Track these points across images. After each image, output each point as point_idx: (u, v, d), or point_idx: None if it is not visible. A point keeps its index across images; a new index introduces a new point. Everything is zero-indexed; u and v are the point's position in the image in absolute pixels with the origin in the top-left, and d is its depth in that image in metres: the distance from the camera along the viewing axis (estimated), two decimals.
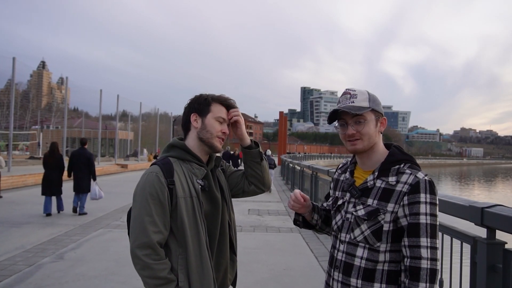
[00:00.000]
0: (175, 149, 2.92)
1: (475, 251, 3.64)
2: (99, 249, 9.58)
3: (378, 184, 2.45)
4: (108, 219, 13.48)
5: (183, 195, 2.73)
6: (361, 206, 2.48)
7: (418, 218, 2.28)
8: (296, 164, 24.01)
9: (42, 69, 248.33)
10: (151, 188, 2.68)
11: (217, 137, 2.91)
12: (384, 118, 2.61)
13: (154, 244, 2.60)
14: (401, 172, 2.42)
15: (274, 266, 8.46)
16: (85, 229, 11.79)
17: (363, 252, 2.43)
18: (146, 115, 66.71)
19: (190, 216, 2.71)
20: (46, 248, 9.49)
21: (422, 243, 2.26)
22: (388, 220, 2.37)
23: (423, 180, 2.34)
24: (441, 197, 4.30)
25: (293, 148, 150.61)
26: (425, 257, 2.24)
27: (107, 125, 62.02)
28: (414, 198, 2.31)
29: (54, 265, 8.19)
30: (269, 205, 17.50)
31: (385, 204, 2.39)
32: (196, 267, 2.67)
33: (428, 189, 2.32)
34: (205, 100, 2.93)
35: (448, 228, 4.20)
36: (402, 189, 2.36)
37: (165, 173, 2.74)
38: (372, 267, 2.40)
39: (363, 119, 2.51)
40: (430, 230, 2.27)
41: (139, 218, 2.65)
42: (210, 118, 2.89)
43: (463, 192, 52.34)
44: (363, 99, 2.52)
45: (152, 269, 2.57)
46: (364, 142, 2.54)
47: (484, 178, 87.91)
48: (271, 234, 11.68)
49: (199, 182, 2.82)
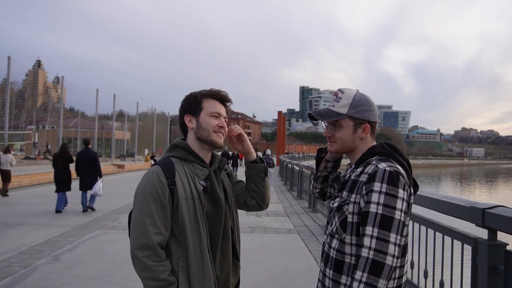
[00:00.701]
0: (178, 149, 2.90)
1: (476, 252, 3.65)
2: (95, 250, 9.56)
3: (352, 177, 2.47)
4: (105, 220, 13.46)
5: (184, 196, 2.71)
6: (338, 198, 2.52)
7: (369, 206, 2.25)
8: (295, 165, 24.00)
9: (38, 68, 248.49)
10: (151, 189, 2.66)
11: (215, 132, 2.87)
12: (367, 126, 2.57)
13: (154, 246, 2.59)
14: (368, 163, 2.43)
15: (272, 267, 8.46)
16: (81, 230, 11.76)
17: (336, 243, 2.45)
18: (143, 114, 66.62)
19: (191, 217, 2.69)
20: (42, 250, 9.47)
21: (368, 231, 2.20)
22: (351, 211, 2.37)
23: (382, 169, 2.30)
24: (442, 198, 4.32)
25: (292, 148, 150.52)
26: (367, 246, 2.18)
27: (104, 125, 61.96)
28: (369, 187, 2.29)
29: (50, 267, 8.18)
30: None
31: (350, 195, 2.41)
32: (197, 269, 2.65)
33: (386, 179, 2.26)
34: (194, 98, 2.90)
35: (449, 229, 4.22)
36: (362, 179, 2.37)
37: (166, 173, 2.72)
38: (341, 258, 2.40)
39: (339, 125, 2.56)
40: (381, 220, 2.19)
41: (139, 219, 2.64)
42: (203, 116, 2.86)
43: (464, 193, 52.40)
44: (344, 105, 2.54)
45: (152, 270, 2.56)
46: (337, 145, 2.61)
47: (485, 179, 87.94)
48: (270, 236, 11.67)
49: (201, 183, 2.79)
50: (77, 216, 14.08)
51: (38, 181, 24.89)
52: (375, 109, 2.63)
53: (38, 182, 24.79)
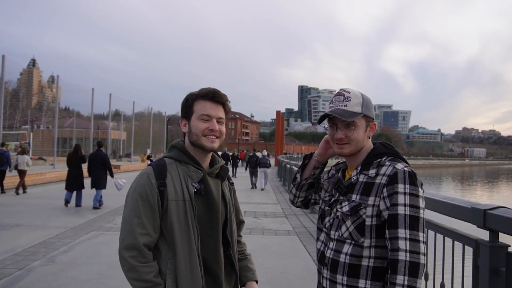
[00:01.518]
0: (174, 150, 2.90)
1: (477, 254, 3.64)
2: (91, 252, 9.58)
3: (361, 179, 2.49)
4: (101, 221, 13.48)
5: (175, 197, 2.70)
6: (346, 202, 2.51)
7: (396, 209, 2.30)
8: (293, 165, 24.00)
9: (33, 67, 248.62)
10: (141, 189, 2.68)
11: (204, 135, 2.81)
12: (374, 124, 2.63)
13: (140, 246, 2.60)
14: (381, 164, 2.46)
15: (270, 269, 8.47)
16: (76, 231, 11.77)
17: (348, 248, 2.44)
18: (139, 114, 66.59)
19: (181, 220, 2.69)
20: (37, 251, 9.48)
21: (400, 234, 2.26)
22: (370, 214, 2.39)
23: (402, 170, 2.36)
24: (443, 199, 4.31)
25: (291, 148, 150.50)
26: (403, 249, 2.23)
27: (99, 125, 61.85)
28: (392, 189, 2.33)
29: (45, 269, 8.18)
30: (265, 207, 17.51)
31: (366, 198, 2.42)
32: (185, 272, 2.65)
33: (408, 180, 2.34)
34: (187, 101, 2.88)
35: (450, 230, 4.21)
36: (381, 181, 2.39)
37: (157, 174, 2.72)
38: (357, 262, 2.41)
39: (354, 125, 2.54)
40: (410, 221, 2.27)
41: (128, 219, 2.66)
42: (193, 120, 2.83)
43: (465, 193, 52.43)
44: (357, 104, 2.54)
45: (137, 271, 2.57)
46: (351, 147, 2.58)
47: (487, 179, 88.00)
48: (268, 237, 11.71)
49: (194, 185, 2.77)
50: (72, 217, 14.09)
51: (33, 182, 24.85)
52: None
53: (33, 183, 24.76)
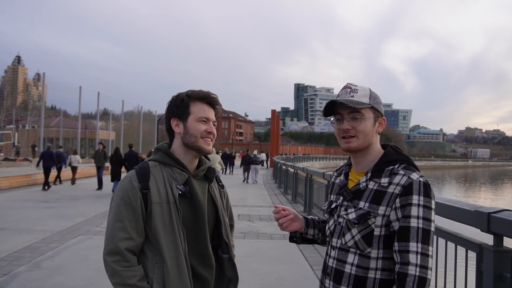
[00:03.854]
0: (159, 152, 2.92)
1: (481, 259, 3.64)
2: (78, 257, 9.55)
3: (371, 186, 2.45)
4: (88, 225, 13.43)
5: (158, 200, 2.73)
6: (353, 209, 2.48)
7: (409, 221, 2.27)
8: (289, 166, 24.04)
9: (18, 64, 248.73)
10: (123, 193, 2.71)
11: (202, 138, 2.87)
12: (384, 119, 2.61)
13: (121, 251, 2.62)
14: (395, 173, 2.41)
15: (265, 275, 8.46)
16: (63, 235, 11.74)
17: (354, 258, 2.43)
18: (128, 113, 66.57)
19: (166, 223, 2.71)
20: (21, 256, 9.44)
21: (412, 248, 2.24)
22: (379, 224, 2.37)
23: (417, 181, 2.33)
24: (445, 202, 4.31)
25: (286, 149, 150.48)
26: (414, 263, 2.22)
27: (87, 125, 61.81)
28: (406, 200, 2.30)
29: (30, 274, 8.16)
30: (260, 210, 17.49)
31: (377, 207, 2.38)
32: (172, 277, 2.65)
33: (422, 191, 2.30)
34: (182, 101, 2.89)
35: (452, 234, 4.21)
36: (394, 191, 2.36)
37: (140, 177, 2.75)
38: (363, 274, 2.39)
39: (361, 115, 2.51)
40: (422, 235, 2.25)
41: (110, 224, 2.70)
42: (191, 121, 2.86)
43: (468, 196, 52.50)
44: (364, 95, 2.53)
45: (120, 276, 2.60)
46: (359, 140, 2.53)
47: (491, 181, 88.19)
48: (263, 241, 11.69)
49: (179, 187, 2.79)
50: (59, 221, 14.02)
51: (18, 183, 24.85)
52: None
53: (18, 185, 24.76)
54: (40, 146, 36.75)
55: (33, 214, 15.06)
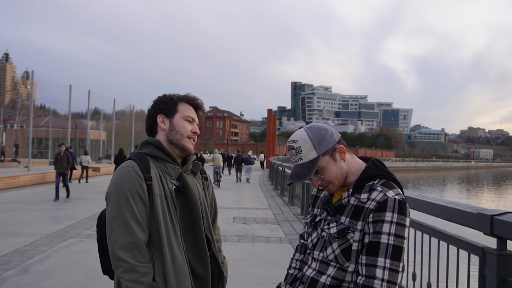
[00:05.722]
0: (149, 146, 2.93)
1: (484, 263, 3.65)
2: (68, 261, 9.53)
3: (352, 202, 2.51)
4: (79, 228, 13.40)
5: (159, 193, 2.74)
6: (335, 223, 2.54)
7: (379, 237, 2.33)
8: (286, 168, 24.02)
9: (5, 62, 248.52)
10: (129, 184, 2.68)
11: (188, 137, 2.95)
12: (341, 147, 2.61)
13: (141, 244, 2.62)
14: (373, 188, 2.47)
15: (261, 280, 8.46)
16: (53, 239, 11.70)
17: (332, 271, 2.49)
18: (120, 113, 66.64)
19: (166, 217, 2.73)
20: (10, 260, 9.42)
21: (380, 263, 2.30)
22: (357, 239, 2.43)
23: (392, 198, 2.37)
24: (447, 204, 4.32)
25: (283, 149, 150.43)
26: (380, 278, 2.28)
27: (77, 124, 61.81)
28: (379, 216, 2.36)
29: (19, 279, 8.14)
30: (256, 213, 17.49)
31: (356, 222, 2.44)
32: (173, 273, 2.66)
33: (397, 209, 2.35)
34: (170, 99, 2.98)
35: (454, 237, 4.22)
36: (369, 206, 2.41)
37: (142, 168, 2.75)
38: (337, 285, 2.46)
39: (319, 169, 2.57)
40: (392, 251, 2.30)
41: (119, 217, 2.64)
42: (178, 118, 2.94)
43: (470, 198, 52.57)
44: (308, 149, 2.54)
45: (137, 272, 2.57)
46: (335, 184, 2.61)
47: (494, 183, 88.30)
48: (259, 245, 11.69)
49: (173, 182, 2.83)
50: (48, 224, 14.01)
51: (6, 185, 24.71)
52: (330, 129, 2.64)
53: (6, 186, 24.62)
54: (29, 146, 36.57)
55: (21, 217, 15.06)
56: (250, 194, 25.36)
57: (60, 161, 21.06)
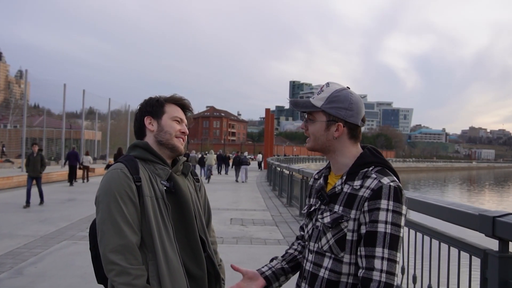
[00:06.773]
0: (137, 149, 2.95)
1: (485, 265, 3.64)
2: (62, 263, 9.52)
3: (345, 189, 2.47)
4: (73, 229, 13.38)
5: (149, 194, 2.75)
6: (328, 213, 2.51)
7: (376, 226, 2.29)
8: (284, 168, 24.01)
9: None
10: (118, 186, 2.68)
11: (176, 137, 2.97)
12: (340, 125, 2.55)
13: (133, 246, 2.62)
14: (367, 176, 2.44)
15: None
16: (46, 241, 11.68)
17: (328, 263, 2.46)
18: (115, 112, 66.62)
19: (157, 218, 2.73)
20: (3, 263, 9.40)
21: (378, 253, 2.26)
22: (351, 229, 2.39)
23: (387, 185, 2.34)
24: (448, 205, 4.32)
25: (281, 149, 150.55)
26: (379, 269, 2.24)
27: (72, 124, 61.70)
28: (374, 204, 2.32)
29: (12, 282, 8.14)
30: (253, 214, 17.47)
31: (349, 210, 2.40)
32: (168, 274, 2.66)
33: (392, 196, 2.32)
34: (157, 101, 3.02)
35: (456, 239, 4.22)
36: (364, 194, 2.38)
37: (131, 169, 2.76)
38: (336, 279, 2.42)
39: (312, 118, 2.59)
40: (390, 240, 2.27)
41: (110, 219, 2.63)
42: (166, 119, 2.97)
43: (472, 199, 52.57)
44: (321, 98, 2.56)
45: (130, 274, 2.56)
46: (311, 142, 2.64)
47: (496, 184, 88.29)
48: (256, 247, 11.68)
49: (164, 183, 2.84)
50: (42, 225, 13.99)
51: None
52: (358, 111, 2.57)
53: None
54: (22, 146, 36.51)
55: (15, 218, 15.05)
56: (247, 195, 25.30)
57: (33, 163, 18.82)
